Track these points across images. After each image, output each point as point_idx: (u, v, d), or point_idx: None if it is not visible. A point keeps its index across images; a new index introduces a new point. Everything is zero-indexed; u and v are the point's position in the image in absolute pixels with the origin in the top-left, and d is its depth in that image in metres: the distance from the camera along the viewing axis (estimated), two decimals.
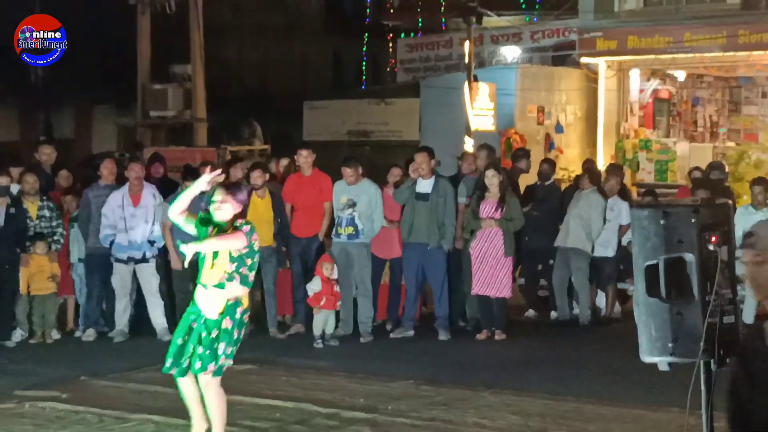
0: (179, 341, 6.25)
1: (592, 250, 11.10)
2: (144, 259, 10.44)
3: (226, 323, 6.15)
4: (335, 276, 10.21)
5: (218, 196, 6.23)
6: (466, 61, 21.58)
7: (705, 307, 3.96)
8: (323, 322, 10.13)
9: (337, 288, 10.20)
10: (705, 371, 4.02)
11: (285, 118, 25.91)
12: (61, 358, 9.70)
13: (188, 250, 6.11)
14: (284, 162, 11.89)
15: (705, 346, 3.94)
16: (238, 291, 6.18)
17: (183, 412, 7.22)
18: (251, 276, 6.25)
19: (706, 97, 25.23)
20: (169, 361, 6.25)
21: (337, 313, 10.35)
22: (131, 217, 10.32)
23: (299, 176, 10.99)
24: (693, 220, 4.01)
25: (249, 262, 6.19)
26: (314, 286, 10.14)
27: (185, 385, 6.27)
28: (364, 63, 29.98)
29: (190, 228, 6.35)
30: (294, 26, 31.11)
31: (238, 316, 6.19)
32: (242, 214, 6.35)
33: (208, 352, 6.12)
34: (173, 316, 10.40)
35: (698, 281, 3.99)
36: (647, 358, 4.10)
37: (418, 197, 10.42)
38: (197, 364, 6.15)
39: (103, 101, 27.93)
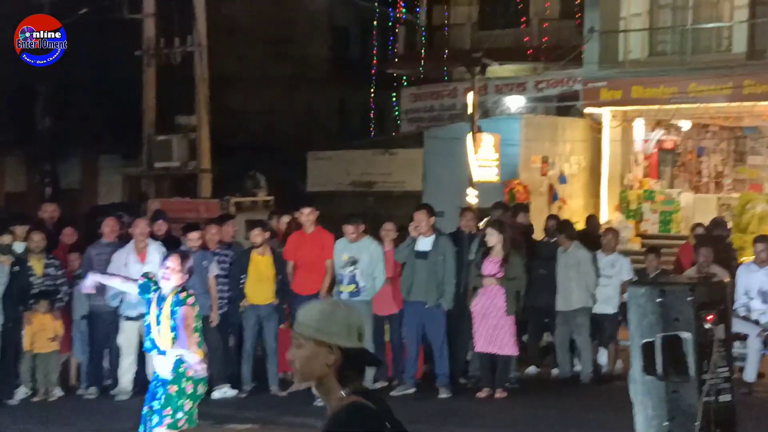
0: (145, 409, 6.58)
1: (593, 303, 11.09)
2: None
3: (172, 375, 6.47)
4: None
5: (171, 263, 6.53)
6: (470, 111, 21.63)
7: (701, 385, 3.96)
8: None
9: None
10: None
11: (290, 167, 26.02)
12: (63, 417, 9.68)
13: (188, 358, 6.49)
14: (285, 219, 11.92)
15: (701, 425, 3.93)
16: (184, 352, 6.53)
17: None
18: (196, 337, 6.60)
19: (711, 147, 25.24)
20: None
21: None
22: (138, 274, 10.29)
23: (301, 234, 11.01)
24: (690, 299, 4.03)
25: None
26: None
27: None
28: (371, 112, 30.08)
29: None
30: (299, 75, 31.25)
31: (189, 373, 6.49)
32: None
33: (162, 409, 6.40)
34: None
35: (695, 360, 4.00)
36: None
37: (418, 255, 10.43)
38: (154, 420, 6.42)
39: (109, 151, 28.08)
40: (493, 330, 10.28)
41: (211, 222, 11.17)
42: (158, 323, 6.49)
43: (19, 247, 10.67)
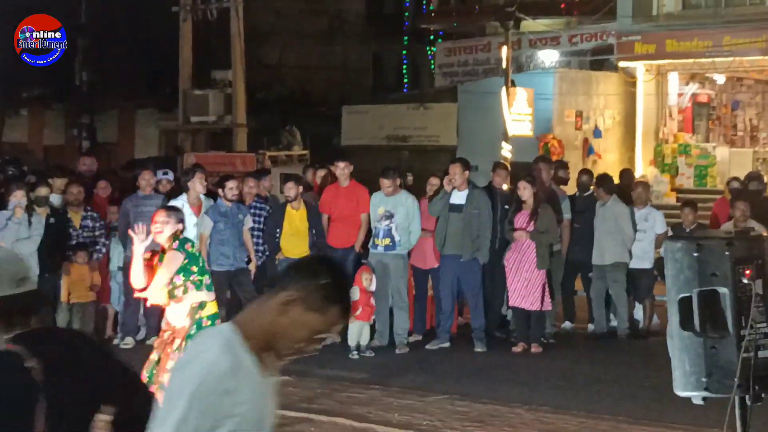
0: (153, 356, 6.37)
1: (630, 258, 10.99)
2: None
3: (193, 329, 6.22)
4: (373, 288, 10.19)
5: (159, 217, 6.43)
6: (504, 65, 21.45)
7: (740, 341, 3.86)
8: (358, 332, 10.10)
9: (372, 301, 10.18)
10: (740, 406, 3.93)
11: (324, 121, 25.98)
12: None
13: (148, 296, 6.33)
14: (321, 173, 11.87)
15: (740, 381, 3.85)
16: (197, 297, 6.30)
17: None
18: (206, 279, 6.36)
19: (745, 100, 24.94)
20: (144, 375, 6.24)
21: (372, 325, 10.33)
22: (193, 227, 10.28)
23: (336, 187, 10.97)
24: (727, 253, 3.92)
25: (195, 269, 6.28)
26: (352, 296, 10.09)
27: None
28: (404, 67, 29.90)
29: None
30: (334, 30, 31.10)
31: (204, 320, 6.26)
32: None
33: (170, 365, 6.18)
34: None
35: (733, 315, 3.89)
36: (681, 393, 4.01)
37: (452, 209, 10.35)
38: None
39: (146, 106, 28.17)
40: (526, 284, 10.23)
41: (248, 175, 11.13)
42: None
43: (56, 199, 10.72)
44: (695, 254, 3.92)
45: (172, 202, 10.46)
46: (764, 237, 4.18)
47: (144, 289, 6.35)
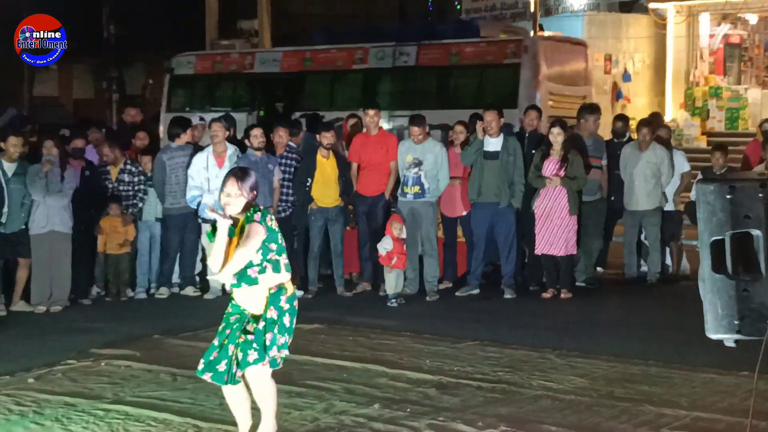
0: (216, 342, 5.62)
1: (666, 202, 10.94)
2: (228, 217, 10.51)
3: (271, 313, 5.56)
4: (404, 236, 10.23)
5: (227, 188, 5.53)
6: (532, 9, 21.28)
7: None
8: (395, 281, 10.15)
9: (405, 248, 10.23)
10: None
11: None
12: (135, 315, 9.88)
13: (221, 277, 5.65)
14: (352, 121, 11.87)
15: None
16: (275, 279, 5.57)
17: None
18: (282, 259, 5.58)
19: None
20: (202, 363, 5.59)
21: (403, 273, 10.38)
22: (216, 178, 10.37)
23: (366, 136, 10.97)
24: (760, 195, 3.89)
25: (274, 246, 5.53)
26: (386, 245, 10.14)
27: (229, 392, 5.69)
28: (430, 13, 29.66)
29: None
30: None
31: (282, 303, 5.58)
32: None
33: (255, 345, 5.52)
34: None
35: (766, 257, 3.88)
36: (713, 336, 4.02)
37: (487, 156, 10.31)
38: (251, 356, 5.51)
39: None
40: (556, 230, 10.22)
41: (277, 125, 11.13)
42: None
43: (92, 153, 10.83)
44: (728, 196, 3.91)
45: (198, 155, 10.52)
46: None
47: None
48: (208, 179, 10.40)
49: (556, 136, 10.24)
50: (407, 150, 10.50)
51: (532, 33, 20.51)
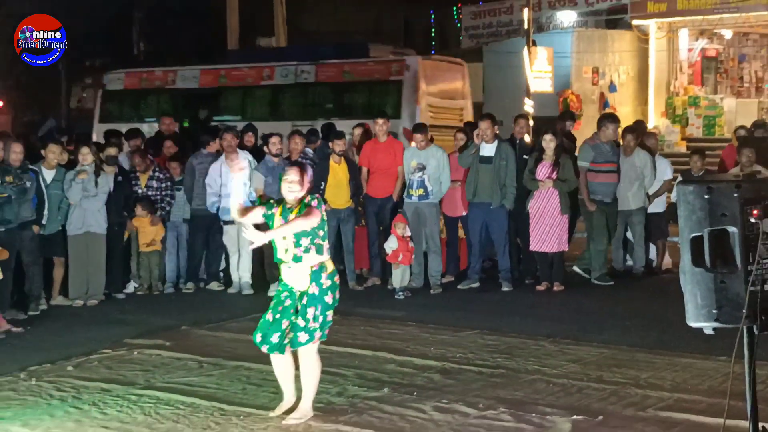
0: (269, 317, 5.84)
1: (649, 203, 10.91)
2: None
3: (313, 289, 5.78)
4: (408, 234, 10.24)
5: (291, 176, 5.76)
6: (525, 26, 21.27)
7: (747, 276, 3.86)
8: (401, 276, 10.17)
9: (411, 244, 10.24)
10: (748, 335, 3.94)
11: None
12: (164, 308, 9.89)
13: (259, 238, 5.71)
14: (358, 131, 11.87)
15: (747, 312, 3.84)
16: (317, 259, 5.79)
17: None
18: (326, 244, 5.84)
19: (751, 53, 24.58)
20: (258, 336, 5.88)
21: (409, 268, 10.38)
22: (230, 182, 10.40)
23: (375, 142, 10.97)
24: (735, 195, 3.90)
25: (321, 233, 5.78)
26: (392, 245, 10.17)
27: (278, 361, 5.95)
28: (432, 30, 29.69)
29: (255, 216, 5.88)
30: None
31: (323, 280, 5.78)
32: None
33: (304, 324, 5.75)
34: (261, 266, 10.56)
35: (741, 252, 3.88)
36: (693, 324, 4.02)
37: (482, 160, 10.33)
38: (302, 338, 5.77)
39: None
40: (549, 229, 10.22)
41: (293, 133, 11.15)
42: (284, 237, 5.76)
43: (125, 159, 10.84)
44: (706, 196, 3.91)
45: (213, 164, 10.52)
46: None
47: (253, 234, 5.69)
48: (224, 185, 10.41)
49: (549, 143, 10.23)
50: (412, 155, 10.51)
51: (525, 48, 20.55)
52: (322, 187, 10.55)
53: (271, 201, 5.96)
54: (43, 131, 17.73)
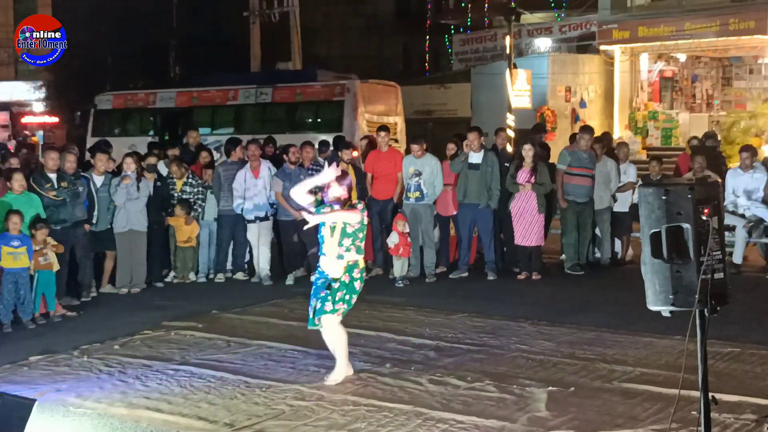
0: (313, 302, 6.17)
1: (614, 203, 10.88)
2: (266, 218, 10.54)
3: (345, 278, 6.08)
4: (407, 230, 10.22)
5: (329, 176, 6.17)
6: (508, 51, 21.25)
7: (699, 266, 3.86)
8: (401, 267, 10.16)
9: (409, 239, 10.22)
10: (700, 317, 3.93)
11: None
12: (197, 295, 9.89)
13: (312, 219, 6.04)
14: (363, 142, 11.86)
15: (700, 297, 3.85)
16: (354, 257, 6.09)
17: (293, 339, 7.36)
18: (363, 244, 6.17)
19: (703, 74, 24.53)
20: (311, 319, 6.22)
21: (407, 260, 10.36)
22: (254, 187, 10.41)
23: (378, 152, 10.96)
24: (689, 196, 3.90)
25: (361, 235, 6.10)
26: (393, 240, 10.16)
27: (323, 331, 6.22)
28: (427, 55, 29.67)
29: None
30: (370, 27, 30.92)
31: (356, 274, 6.12)
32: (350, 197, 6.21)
33: (329, 297, 6.04)
34: (280, 259, 10.53)
35: (694, 245, 3.88)
36: (653, 307, 4.02)
37: (471, 167, 10.31)
38: (327, 307, 6.06)
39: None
40: (529, 226, 10.20)
41: (305, 144, 11.13)
42: (332, 233, 6.05)
43: (162, 167, 10.83)
44: (664, 197, 3.90)
45: (239, 171, 10.49)
46: (718, 183, 4.15)
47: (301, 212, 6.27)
48: (248, 189, 10.42)
49: (528, 152, 10.22)
50: (410, 163, 10.49)
51: (508, 70, 20.52)
52: None
53: (319, 197, 6.24)
54: (93, 143, 17.76)
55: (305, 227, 6.32)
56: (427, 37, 29.10)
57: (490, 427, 5.25)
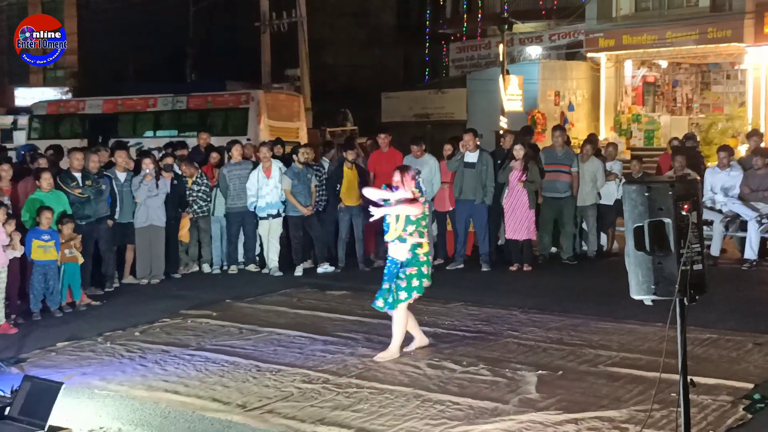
0: (385, 285, 6.35)
1: (599, 199, 10.85)
2: (278, 214, 10.53)
3: (408, 256, 6.24)
4: None
5: (395, 177, 6.39)
6: (501, 59, 21.23)
7: (679, 258, 3.84)
8: None
9: None
10: (679, 306, 3.91)
11: (368, 105, 25.86)
12: (211, 286, 9.87)
13: (377, 212, 6.26)
14: (368, 142, 11.83)
15: (679, 287, 3.83)
16: (417, 240, 6.27)
17: (301, 326, 7.35)
18: (426, 231, 6.37)
19: (683, 79, 24.50)
20: (379, 301, 6.38)
21: None
22: (266, 186, 10.38)
23: (379, 152, 10.94)
24: (670, 193, 3.87)
25: (423, 223, 6.31)
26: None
27: (394, 315, 6.39)
28: (426, 62, 29.66)
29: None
30: (373, 37, 30.94)
31: (422, 256, 6.27)
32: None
33: (403, 284, 6.25)
34: (289, 254, 10.52)
35: (674, 239, 3.86)
36: (635, 296, 4.00)
37: (467, 166, 10.27)
38: (401, 295, 6.29)
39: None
40: (520, 221, 10.17)
41: (305, 146, 11.13)
42: (397, 220, 6.31)
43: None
44: (646, 194, 3.88)
45: (253, 172, 10.46)
46: (697, 181, 4.13)
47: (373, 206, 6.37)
48: (260, 188, 10.39)
49: (518, 151, 10.18)
50: (409, 162, 10.44)
51: (501, 76, 20.46)
52: (338, 189, 10.53)
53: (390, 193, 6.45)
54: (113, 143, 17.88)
55: (371, 219, 6.54)
56: (427, 46, 29.08)
57: (483, 408, 5.24)
